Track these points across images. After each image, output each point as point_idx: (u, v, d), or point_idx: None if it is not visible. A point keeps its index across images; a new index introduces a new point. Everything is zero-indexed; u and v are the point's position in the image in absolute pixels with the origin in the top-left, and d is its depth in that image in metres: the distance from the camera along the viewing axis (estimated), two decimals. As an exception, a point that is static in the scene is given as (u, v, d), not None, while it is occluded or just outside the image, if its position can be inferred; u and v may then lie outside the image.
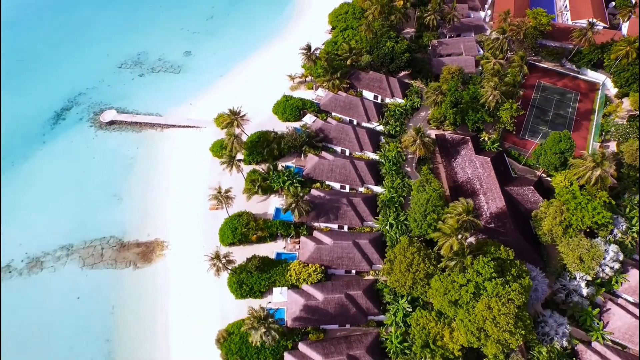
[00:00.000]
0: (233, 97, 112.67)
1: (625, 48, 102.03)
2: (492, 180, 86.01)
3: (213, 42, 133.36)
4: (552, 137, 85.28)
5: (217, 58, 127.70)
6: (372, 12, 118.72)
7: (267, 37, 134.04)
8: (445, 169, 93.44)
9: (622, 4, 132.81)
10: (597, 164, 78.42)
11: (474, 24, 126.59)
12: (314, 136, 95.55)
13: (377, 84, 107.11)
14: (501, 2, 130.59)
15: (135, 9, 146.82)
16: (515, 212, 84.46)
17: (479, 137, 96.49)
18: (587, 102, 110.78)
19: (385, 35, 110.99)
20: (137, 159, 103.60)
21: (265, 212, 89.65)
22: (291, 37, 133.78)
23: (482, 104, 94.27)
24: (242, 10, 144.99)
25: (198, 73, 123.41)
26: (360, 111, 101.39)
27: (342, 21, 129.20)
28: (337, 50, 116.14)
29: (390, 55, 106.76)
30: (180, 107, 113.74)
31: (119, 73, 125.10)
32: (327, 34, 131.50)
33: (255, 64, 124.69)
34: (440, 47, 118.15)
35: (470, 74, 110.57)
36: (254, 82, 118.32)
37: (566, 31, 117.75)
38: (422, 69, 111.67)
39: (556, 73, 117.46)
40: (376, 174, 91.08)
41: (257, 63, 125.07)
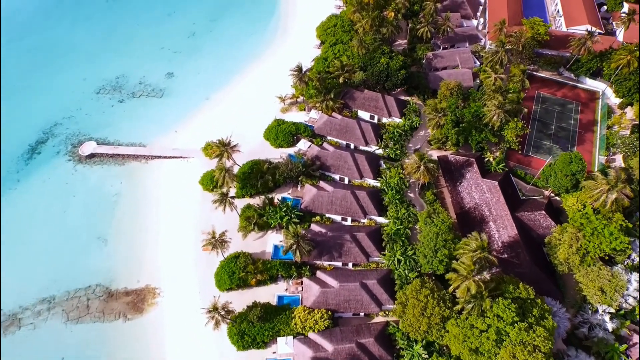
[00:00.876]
0: (221, 122, 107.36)
1: (626, 57, 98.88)
2: (502, 206, 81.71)
3: (196, 62, 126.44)
4: (562, 158, 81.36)
5: (202, 79, 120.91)
6: (362, 25, 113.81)
7: (253, 54, 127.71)
8: (451, 193, 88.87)
9: (614, 8, 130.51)
10: (611, 186, 74.75)
11: (468, 33, 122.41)
12: (310, 165, 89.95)
13: (372, 104, 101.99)
14: (494, 10, 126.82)
15: (111, 28, 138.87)
16: (527, 238, 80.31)
17: (483, 158, 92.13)
18: (589, 112, 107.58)
19: (378, 50, 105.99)
20: (121, 195, 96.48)
21: (263, 250, 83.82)
22: (278, 52, 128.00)
23: (486, 123, 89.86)
24: (224, 26, 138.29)
25: (182, 97, 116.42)
26: (358, 134, 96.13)
27: (331, 35, 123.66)
28: (328, 68, 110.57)
29: (386, 73, 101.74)
30: (165, 136, 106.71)
31: (97, 99, 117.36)
32: (316, 49, 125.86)
33: (243, 85, 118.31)
34: (435, 60, 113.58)
35: (469, 88, 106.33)
36: (243, 105, 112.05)
37: (563, 39, 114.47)
38: (418, 85, 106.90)
39: (554, 82, 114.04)
40: (379, 204, 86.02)
41: (245, 83, 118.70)
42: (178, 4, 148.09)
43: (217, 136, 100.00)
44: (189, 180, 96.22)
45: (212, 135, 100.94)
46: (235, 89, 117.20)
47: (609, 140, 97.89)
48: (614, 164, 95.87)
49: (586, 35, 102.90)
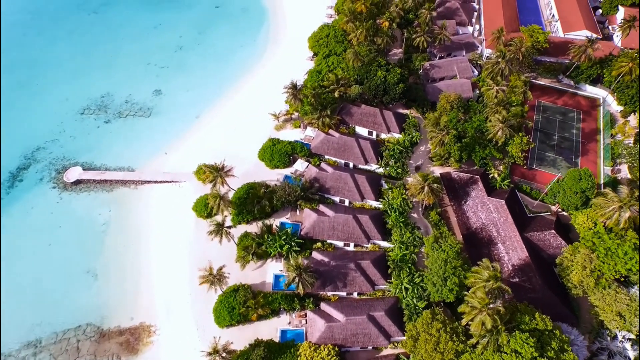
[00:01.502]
0: (213, 142, 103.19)
1: (628, 64, 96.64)
2: (510, 226, 78.64)
3: (185, 78, 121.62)
4: (570, 175, 78.53)
5: (191, 96, 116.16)
6: (356, 36, 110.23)
7: (244, 68, 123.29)
8: (456, 213, 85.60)
9: (609, 12, 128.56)
10: (624, 203, 72.11)
11: (464, 41, 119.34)
12: (308, 187, 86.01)
13: (370, 119, 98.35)
14: (490, 16, 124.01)
15: (94, 43, 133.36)
16: (538, 259, 77.32)
17: (487, 174, 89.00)
18: (591, 121, 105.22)
19: (374, 63, 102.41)
20: (110, 224, 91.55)
21: (263, 280, 79.75)
22: (270, 65, 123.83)
23: (490, 139, 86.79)
24: (212, 39, 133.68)
25: (171, 115, 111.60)
26: (357, 153, 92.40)
27: (323, 46, 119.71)
28: (322, 81, 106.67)
29: (383, 87, 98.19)
30: (154, 158, 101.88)
31: (81, 121, 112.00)
32: (309, 61, 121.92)
33: (234, 101, 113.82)
34: (433, 70, 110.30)
35: (469, 99, 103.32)
36: (235, 123, 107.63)
37: (561, 45, 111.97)
38: (416, 97, 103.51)
39: (554, 90, 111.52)
40: (382, 227, 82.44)
41: (236, 99, 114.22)
42: (164, 16, 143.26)
43: (209, 157, 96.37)
44: (181, 207, 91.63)
45: (204, 157, 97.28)
46: (227, 106, 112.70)
47: (614, 151, 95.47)
48: (620, 175, 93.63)
49: (586, 43, 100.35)
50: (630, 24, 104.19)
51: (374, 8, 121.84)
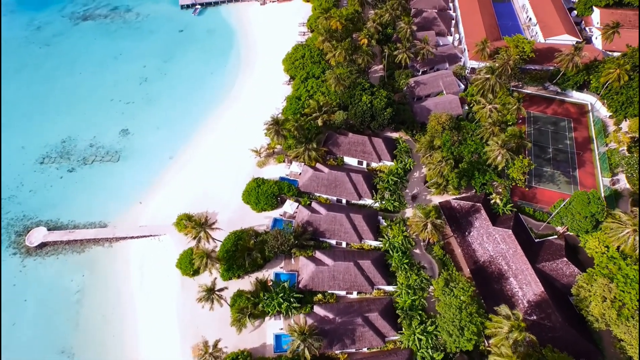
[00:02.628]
0: (191, 186, 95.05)
1: (616, 71, 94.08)
2: (521, 258, 74.06)
3: (153, 113, 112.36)
4: (579, 199, 74.59)
5: (162, 134, 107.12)
6: (334, 57, 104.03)
7: (217, 98, 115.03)
8: (460, 245, 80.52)
9: (584, 13, 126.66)
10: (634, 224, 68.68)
11: (446, 53, 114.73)
12: (301, 233, 79.11)
13: (360, 148, 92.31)
14: (469, 25, 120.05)
15: (48, 80, 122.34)
16: (551, 288, 72.99)
17: (488, 199, 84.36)
18: (582, 129, 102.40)
19: (357, 87, 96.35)
20: (85, 291, 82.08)
21: (263, 342, 72.44)
22: (244, 93, 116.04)
23: (489, 163, 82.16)
24: (179, 67, 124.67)
25: (142, 158, 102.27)
26: (349, 188, 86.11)
27: (300, 68, 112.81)
28: (302, 109, 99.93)
29: (370, 113, 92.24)
30: (128, 210, 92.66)
31: (42, 171, 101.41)
32: (286, 85, 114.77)
33: (210, 136, 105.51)
34: (418, 87, 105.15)
35: (458, 116, 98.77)
36: (213, 161, 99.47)
37: (544, 52, 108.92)
38: (404, 119, 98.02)
39: (541, 98, 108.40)
40: (385, 270, 76.53)
41: (212, 134, 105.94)
42: (124, 44, 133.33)
43: (189, 204, 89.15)
44: (164, 265, 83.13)
45: (184, 204, 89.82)
46: (202, 143, 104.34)
47: (611, 161, 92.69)
48: (619, 185, 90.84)
49: (573, 51, 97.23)
50: (614, 29, 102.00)
51: (349, 24, 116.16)
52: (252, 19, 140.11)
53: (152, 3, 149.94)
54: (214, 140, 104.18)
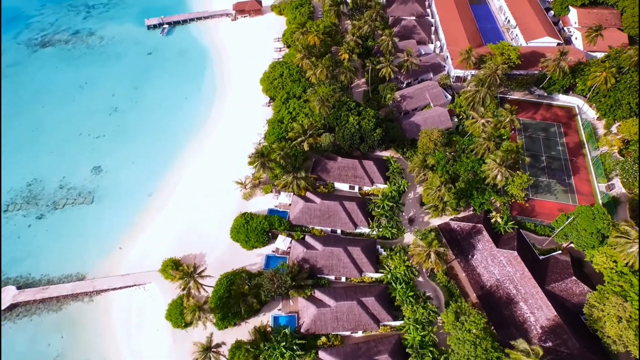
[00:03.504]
0: (174, 226, 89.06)
1: (602, 74, 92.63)
2: (529, 281, 71.16)
3: (127, 146, 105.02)
4: (583, 215, 72.11)
5: (138, 169, 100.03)
6: (315, 75, 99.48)
7: (194, 125, 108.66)
8: (464, 270, 77.14)
9: (561, 13, 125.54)
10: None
11: (430, 62, 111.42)
12: (297, 272, 74.15)
13: (350, 173, 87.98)
14: (450, 31, 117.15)
15: (8, 117, 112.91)
16: (562, 308, 70.35)
17: (489, 218, 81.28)
18: (572, 133, 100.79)
19: (343, 107, 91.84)
20: (65, 355, 74.87)
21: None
22: (223, 117, 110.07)
23: (487, 182, 79.05)
24: (151, 94, 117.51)
25: (119, 198, 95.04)
26: (343, 218, 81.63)
27: (279, 88, 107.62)
28: (285, 132, 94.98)
29: (359, 135, 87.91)
30: (108, 257, 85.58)
31: (6, 221, 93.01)
32: (266, 107, 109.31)
33: (190, 168, 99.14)
34: (405, 101, 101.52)
35: (448, 129, 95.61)
36: (196, 196, 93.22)
37: (528, 55, 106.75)
38: (394, 137, 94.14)
39: (529, 103, 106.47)
40: (390, 305, 72.46)
41: (192, 166, 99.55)
42: (89, 72, 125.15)
43: (174, 246, 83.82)
44: (152, 317, 76.75)
45: (168, 246, 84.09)
46: (183, 176, 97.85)
47: (605, 166, 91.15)
48: (615, 190, 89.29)
49: (559, 56, 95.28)
50: (597, 32, 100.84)
51: (327, 38, 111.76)
52: (224, 36, 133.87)
53: (116, 25, 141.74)
54: (195, 172, 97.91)
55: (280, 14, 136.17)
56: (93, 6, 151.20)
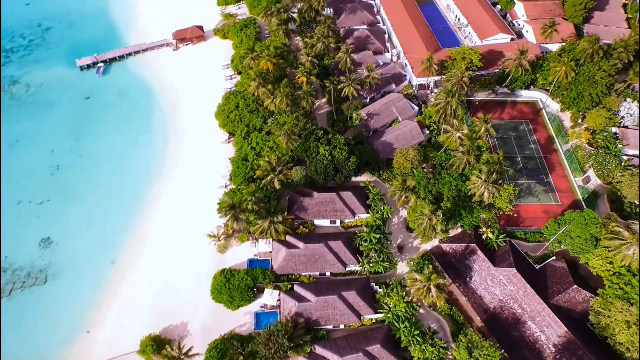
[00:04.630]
0: (146, 295, 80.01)
1: (562, 69, 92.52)
2: (533, 298, 68.85)
3: (77, 209, 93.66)
4: (576, 221, 70.60)
5: (95, 234, 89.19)
6: (275, 104, 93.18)
7: (150, 173, 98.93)
8: (465, 294, 73.81)
9: (507, 7, 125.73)
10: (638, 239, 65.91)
11: (390, 73, 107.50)
12: (293, 330, 67.86)
13: (330, 207, 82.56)
14: (404, 38, 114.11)
15: None
16: (568, 319, 68.57)
17: (480, 235, 78.47)
18: (541, 129, 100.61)
19: (311, 137, 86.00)
20: None
21: None
22: (180, 161, 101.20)
23: (474, 199, 76.14)
24: (96, 144, 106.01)
25: (77, 271, 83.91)
26: (331, 259, 76.11)
27: (237, 121, 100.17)
28: (251, 172, 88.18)
29: (333, 165, 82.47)
30: (75, 345, 74.86)
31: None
32: (226, 143, 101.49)
33: (154, 224, 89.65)
34: (372, 119, 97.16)
35: (421, 143, 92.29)
36: (166, 256, 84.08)
37: (486, 55, 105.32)
38: (368, 160, 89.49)
39: (494, 103, 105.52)
40: (397, 348, 67.83)
41: (156, 221, 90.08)
42: (20, 126, 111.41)
43: (150, 319, 75.94)
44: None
45: (143, 320, 76.11)
46: (147, 234, 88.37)
47: (579, 160, 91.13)
48: (591, 183, 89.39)
49: (520, 55, 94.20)
50: (552, 28, 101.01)
51: (280, 61, 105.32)
52: (168, 68, 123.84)
53: (43, 69, 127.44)
54: (161, 228, 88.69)
55: (225, 37, 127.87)
56: (12, 49, 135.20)
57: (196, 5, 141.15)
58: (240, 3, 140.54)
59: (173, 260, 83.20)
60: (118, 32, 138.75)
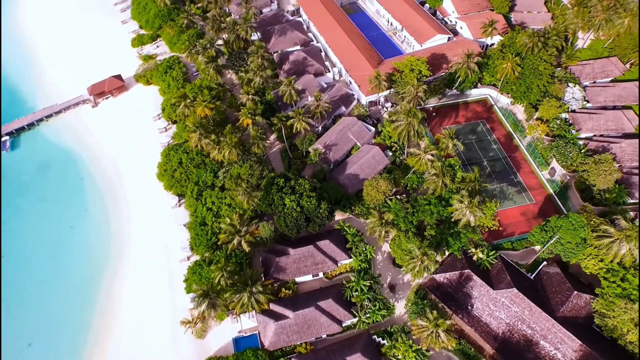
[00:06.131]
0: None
1: (508, 65, 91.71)
2: (540, 316, 66.17)
3: (13, 322, 78.60)
4: (564, 228, 68.42)
5: (39, 351, 75.27)
6: (223, 156, 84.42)
7: (97, 258, 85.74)
8: (470, 324, 69.75)
9: (435, 5, 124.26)
10: (626, 235, 65.39)
11: (337, 95, 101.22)
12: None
13: (309, 262, 75.30)
14: (343, 54, 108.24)
15: None
16: (576, 328, 66.79)
17: (471, 257, 74.88)
18: (498, 126, 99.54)
19: (272, 188, 77.98)
20: None
21: None
22: (131, 236, 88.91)
23: (460, 226, 72.28)
24: (20, 236, 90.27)
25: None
26: (325, 321, 68.90)
27: (184, 180, 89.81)
28: (214, 237, 78.87)
29: (303, 217, 75.06)
30: None
31: None
32: (177, 207, 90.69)
33: (114, 320, 77.48)
34: (331, 152, 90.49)
35: (386, 167, 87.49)
36: (136, 357, 72.87)
37: (430, 60, 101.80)
38: (337, 198, 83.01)
39: (448, 107, 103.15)
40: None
41: (115, 315, 78.00)
42: None
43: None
44: None
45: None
46: (108, 335, 76.02)
47: (542, 153, 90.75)
48: (557, 174, 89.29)
49: (467, 59, 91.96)
50: (492, 27, 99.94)
51: (218, 102, 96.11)
52: (92, 128, 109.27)
53: None
54: (122, 324, 76.75)
55: (149, 83, 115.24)
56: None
57: (108, 52, 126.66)
58: (157, 41, 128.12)
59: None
60: (20, 95, 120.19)
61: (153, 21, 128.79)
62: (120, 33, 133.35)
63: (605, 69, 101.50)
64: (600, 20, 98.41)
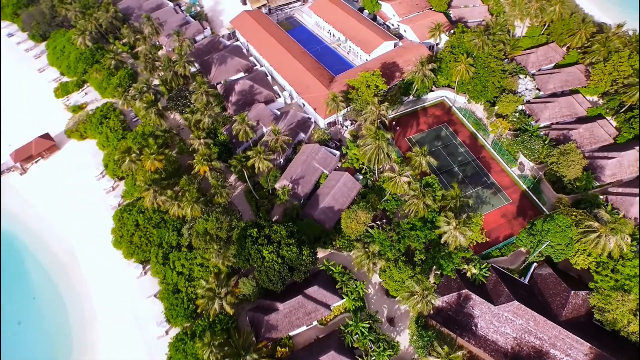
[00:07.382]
0: None
1: (462, 67, 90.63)
2: (545, 324, 64.95)
3: None
4: (552, 231, 67.55)
5: None
6: (185, 212, 76.74)
7: (58, 356, 75.08)
8: (477, 345, 67.35)
9: (374, 10, 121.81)
10: (611, 228, 65.55)
11: (293, 122, 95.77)
12: None
13: (301, 313, 69.63)
14: (292, 76, 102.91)
15: None
16: (580, 328, 66.40)
17: (465, 274, 72.53)
18: (461, 128, 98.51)
19: (246, 240, 71.42)
20: None
21: None
22: (93, 320, 78.88)
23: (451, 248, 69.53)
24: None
25: None
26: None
27: (145, 244, 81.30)
28: (191, 304, 71.45)
29: (286, 267, 69.22)
30: None
31: None
32: (143, 277, 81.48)
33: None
34: (299, 186, 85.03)
35: (360, 191, 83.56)
36: None
37: (384, 70, 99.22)
38: (315, 236, 77.79)
39: (407, 116, 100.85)
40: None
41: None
42: None
43: None
44: None
45: None
46: None
47: (509, 150, 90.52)
48: (526, 169, 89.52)
49: (421, 67, 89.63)
50: (439, 30, 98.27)
51: (167, 150, 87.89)
52: (26, 199, 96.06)
53: None
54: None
55: (84, 138, 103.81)
56: None
57: (28, 108, 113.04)
58: (85, 87, 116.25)
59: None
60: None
61: (75, 66, 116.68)
62: (38, 83, 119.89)
63: (548, 55, 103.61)
64: (536, 10, 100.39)
